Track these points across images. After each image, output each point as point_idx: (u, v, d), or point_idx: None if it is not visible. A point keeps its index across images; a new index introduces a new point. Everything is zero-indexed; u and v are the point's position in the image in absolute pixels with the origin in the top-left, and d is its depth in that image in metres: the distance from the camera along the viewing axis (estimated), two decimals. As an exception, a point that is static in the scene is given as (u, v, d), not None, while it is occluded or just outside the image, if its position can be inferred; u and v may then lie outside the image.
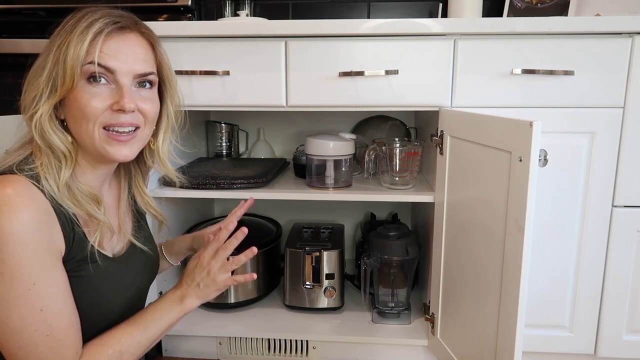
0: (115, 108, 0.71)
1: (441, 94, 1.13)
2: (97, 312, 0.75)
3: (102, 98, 0.70)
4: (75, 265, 0.71)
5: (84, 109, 0.70)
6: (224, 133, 1.64)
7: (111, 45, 0.70)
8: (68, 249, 0.70)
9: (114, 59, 0.70)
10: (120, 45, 0.71)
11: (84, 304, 0.72)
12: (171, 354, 1.37)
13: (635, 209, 1.14)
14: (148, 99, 0.76)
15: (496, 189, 0.94)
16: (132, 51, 0.73)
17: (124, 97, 0.71)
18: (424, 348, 1.30)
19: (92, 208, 0.73)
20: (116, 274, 0.79)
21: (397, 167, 1.26)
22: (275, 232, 1.51)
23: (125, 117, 0.72)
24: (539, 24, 1.07)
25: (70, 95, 0.70)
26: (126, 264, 0.82)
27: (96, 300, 0.75)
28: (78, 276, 0.72)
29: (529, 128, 0.82)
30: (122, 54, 0.71)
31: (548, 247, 1.17)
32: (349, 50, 1.13)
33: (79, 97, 0.70)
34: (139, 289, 0.86)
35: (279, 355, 1.34)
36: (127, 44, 0.73)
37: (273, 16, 1.37)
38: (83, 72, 0.69)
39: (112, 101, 0.71)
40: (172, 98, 0.84)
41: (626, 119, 1.11)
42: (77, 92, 0.70)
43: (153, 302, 0.86)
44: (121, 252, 0.83)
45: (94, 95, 0.70)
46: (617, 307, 1.19)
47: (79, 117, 0.71)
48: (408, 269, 1.33)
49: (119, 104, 0.71)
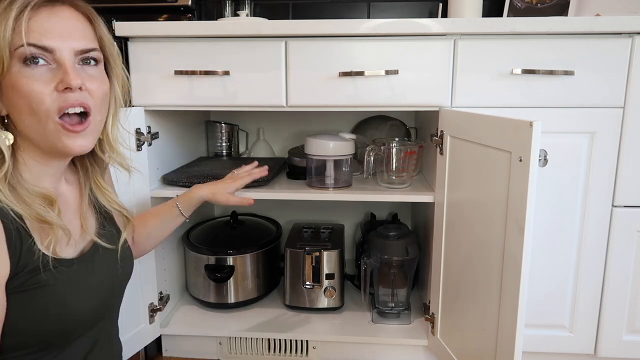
0: (60, 88, 0.63)
1: (441, 94, 1.13)
2: (66, 321, 0.69)
3: (44, 80, 0.63)
4: (29, 276, 0.64)
5: (28, 96, 0.63)
6: (224, 133, 1.64)
7: (42, 22, 0.63)
8: (15, 264, 0.62)
9: (48, 36, 0.63)
10: (52, 20, 0.64)
11: (50, 316, 0.67)
12: (171, 354, 1.37)
13: (635, 209, 1.14)
14: (96, 78, 0.69)
15: (496, 189, 0.94)
16: (68, 25, 0.65)
17: (69, 73, 0.63)
18: (424, 348, 1.30)
19: (42, 210, 0.65)
20: (79, 278, 0.71)
21: (394, 166, 1.26)
22: (275, 232, 1.51)
23: (73, 96, 0.64)
24: (539, 24, 1.07)
25: (7, 84, 0.63)
26: (91, 265, 0.75)
27: (62, 310, 0.68)
28: (35, 287, 0.65)
29: (529, 128, 0.82)
30: (56, 30, 0.64)
31: (548, 247, 1.17)
32: (349, 50, 1.13)
33: (18, 84, 0.62)
34: (109, 289, 0.79)
35: (279, 355, 1.34)
36: (61, 18, 0.65)
37: (273, 16, 1.37)
38: (17, 56, 0.62)
39: (57, 81, 0.64)
40: (118, 77, 0.75)
41: (626, 119, 1.11)
42: (15, 79, 0.62)
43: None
44: (84, 251, 0.76)
45: (34, 79, 0.63)
46: (617, 307, 1.19)
47: (24, 107, 0.63)
48: (408, 269, 1.33)
49: (64, 82, 0.63)
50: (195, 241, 1.42)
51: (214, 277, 1.37)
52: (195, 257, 1.40)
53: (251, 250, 1.40)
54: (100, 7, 0.74)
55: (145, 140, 1.19)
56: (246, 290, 1.41)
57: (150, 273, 1.24)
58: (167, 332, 1.33)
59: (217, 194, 1.11)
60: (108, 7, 0.80)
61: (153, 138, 1.23)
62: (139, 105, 1.19)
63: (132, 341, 1.19)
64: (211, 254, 1.38)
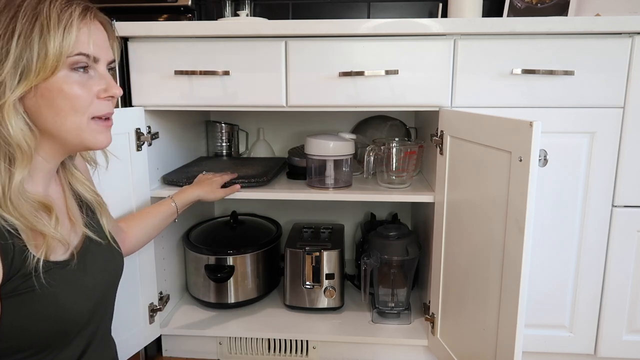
0: (103, 96, 0.70)
1: (441, 94, 1.13)
2: (62, 323, 0.70)
3: (88, 87, 0.69)
4: (22, 280, 0.64)
5: (74, 99, 0.67)
6: (224, 133, 1.64)
7: (89, 33, 0.68)
8: (8, 268, 0.63)
9: (95, 47, 0.69)
10: (94, 32, 0.70)
11: (46, 318, 0.67)
12: (171, 354, 1.37)
13: (635, 209, 1.14)
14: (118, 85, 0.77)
15: (496, 189, 0.94)
16: (103, 37, 0.72)
17: (113, 86, 0.71)
18: (424, 348, 1.30)
19: (40, 223, 0.66)
20: (74, 279, 0.72)
21: (394, 166, 1.26)
22: (275, 232, 1.51)
23: (108, 104, 0.72)
24: (539, 24, 1.07)
25: (47, 85, 0.66)
26: (84, 264, 0.75)
27: (58, 311, 0.68)
28: (29, 291, 0.65)
29: (529, 128, 0.82)
30: (99, 42, 0.70)
31: (548, 247, 1.17)
32: (348, 50, 1.13)
33: (64, 88, 0.66)
34: (103, 287, 0.79)
35: (279, 355, 1.34)
36: (99, 30, 0.71)
37: (273, 16, 1.37)
38: (68, 63, 0.66)
39: (98, 89, 0.70)
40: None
41: (626, 119, 1.11)
42: (59, 82, 0.66)
43: None
44: (77, 248, 0.76)
45: (81, 85, 0.68)
46: (617, 307, 1.19)
47: (65, 108, 0.67)
48: (408, 269, 1.33)
49: (108, 92, 0.70)
50: (195, 241, 1.42)
51: (214, 277, 1.37)
52: (195, 257, 1.40)
53: (251, 250, 1.40)
54: (101, 7, 0.74)
55: (145, 140, 1.19)
56: (246, 290, 1.41)
57: (150, 273, 1.24)
58: (167, 332, 1.33)
59: (209, 192, 1.20)
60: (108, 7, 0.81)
61: (153, 138, 1.23)
62: (139, 105, 1.19)
63: (132, 341, 1.19)
64: (211, 254, 1.38)
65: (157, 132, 1.26)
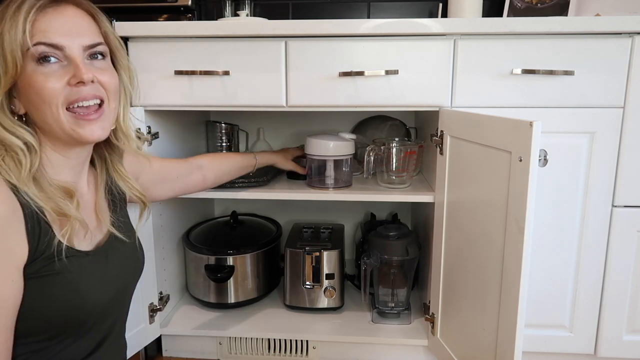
0: (72, 82, 0.68)
1: (441, 94, 1.13)
2: (79, 310, 0.72)
3: (57, 76, 0.67)
4: (45, 263, 0.67)
5: (41, 92, 0.67)
6: (224, 133, 1.64)
7: (50, 22, 0.67)
8: (33, 249, 0.66)
9: (57, 34, 0.67)
10: (59, 20, 0.68)
11: (64, 303, 0.69)
12: (171, 354, 1.37)
13: (635, 209, 1.14)
14: (105, 70, 0.73)
15: (496, 189, 0.94)
16: (74, 23, 0.69)
17: (80, 68, 0.68)
18: (424, 348, 1.30)
19: (63, 202, 0.69)
20: (94, 269, 0.75)
21: (394, 166, 1.26)
22: (275, 232, 1.51)
23: (86, 90, 0.69)
24: (539, 24, 1.07)
25: (23, 83, 0.67)
26: (105, 258, 0.78)
27: (76, 298, 0.71)
28: (51, 274, 0.68)
29: (529, 128, 0.82)
30: (64, 28, 0.68)
31: (548, 247, 1.17)
32: (349, 50, 1.13)
33: (32, 82, 0.67)
34: (122, 282, 0.83)
35: (279, 355, 1.34)
36: (67, 17, 0.69)
37: (273, 16, 1.36)
38: (30, 56, 0.66)
39: (68, 77, 0.68)
40: (125, 68, 0.81)
41: (626, 119, 1.11)
42: (29, 77, 0.66)
43: None
44: (100, 244, 0.79)
45: (48, 76, 0.67)
46: (617, 307, 1.19)
47: (39, 102, 0.67)
48: (408, 269, 1.34)
49: (76, 77, 0.68)
50: (196, 241, 1.42)
51: (214, 277, 1.37)
52: (196, 257, 1.40)
53: (251, 250, 1.40)
54: (101, 7, 0.75)
55: (145, 140, 1.19)
56: (246, 290, 1.41)
57: (150, 273, 1.24)
58: (167, 332, 1.33)
59: (283, 160, 1.33)
60: (108, 7, 0.81)
61: (153, 138, 1.23)
62: (139, 106, 1.19)
63: (132, 341, 1.18)
64: (211, 254, 1.38)
65: (157, 132, 1.26)
